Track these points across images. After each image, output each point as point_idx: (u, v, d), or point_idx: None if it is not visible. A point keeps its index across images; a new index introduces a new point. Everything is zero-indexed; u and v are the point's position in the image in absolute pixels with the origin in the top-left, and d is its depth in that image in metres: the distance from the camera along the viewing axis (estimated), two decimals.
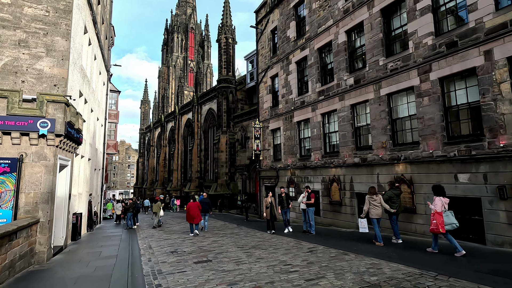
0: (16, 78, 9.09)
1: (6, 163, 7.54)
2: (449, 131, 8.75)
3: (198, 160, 34.84)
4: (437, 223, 6.76)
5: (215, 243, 9.67)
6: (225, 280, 5.52)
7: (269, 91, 18.39)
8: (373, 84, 11.08)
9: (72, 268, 7.09)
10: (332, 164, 12.84)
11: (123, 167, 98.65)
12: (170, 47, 68.10)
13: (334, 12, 13.21)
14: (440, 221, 6.74)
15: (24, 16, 9.42)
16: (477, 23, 8.05)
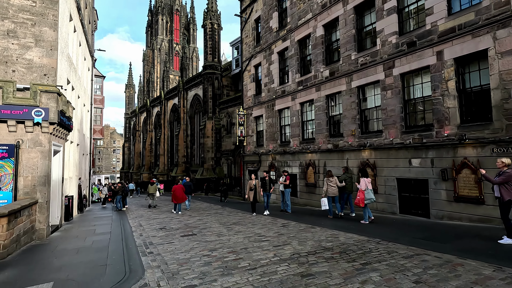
0: (7, 68, 9.50)
1: (4, 149, 8.17)
2: (407, 122, 9.95)
3: (184, 145, 35.46)
4: (359, 198, 8.48)
5: (199, 221, 10.72)
6: (207, 248, 6.57)
7: (253, 80, 19.13)
8: (346, 77, 12.09)
9: (71, 242, 7.97)
10: (309, 150, 13.98)
11: (108, 152, 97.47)
12: (154, 29, 66.48)
13: (313, 6, 13.94)
14: (361, 198, 8.49)
15: (12, 6, 9.69)
16: (432, 26, 9.08)
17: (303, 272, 4.68)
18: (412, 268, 4.65)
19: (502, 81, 7.51)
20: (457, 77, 8.54)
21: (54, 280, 4.83)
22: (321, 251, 5.86)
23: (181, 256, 6.00)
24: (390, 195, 10.23)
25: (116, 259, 6.02)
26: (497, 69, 7.59)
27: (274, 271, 4.80)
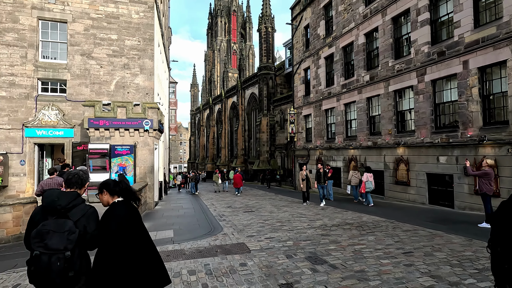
0: (124, 90, 13.62)
1: (128, 148, 12.16)
2: (436, 123, 11.15)
3: (242, 139, 39.22)
4: (362, 187, 11.30)
5: (257, 203, 13.63)
6: (262, 219, 9.34)
7: (302, 82, 21.20)
8: (384, 82, 13.48)
9: (170, 212, 11.61)
10: (351, 146, 15.70)
11: (176, 144, 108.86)
12: (214, 31, 71.90)
13: (356, 16, 15.39)
14: (363, 186, 11.44)
15: (126, 46, 13.74)
16: (459, 37, 10.12)
17: (323, 233, 7.07)
18: (401, 235, 6.65)
19: None
20: (480, 85, 9.56)
21: (173, 229, 8.16)
22: (343, 225, 8.10)
23: (244, 222, 8.89)
24: (420, 188, 11.60)
25: (203, 222, 9.22)
26: None
27: (305, 232, 7.29)
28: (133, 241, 2.38)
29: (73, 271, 2.27)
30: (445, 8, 10.90)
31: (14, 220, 7.34)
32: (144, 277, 2.37)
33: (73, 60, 13.07)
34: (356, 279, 4.17)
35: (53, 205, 2.34)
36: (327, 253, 5.45)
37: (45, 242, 2.23)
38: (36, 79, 12.62)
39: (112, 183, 2.45)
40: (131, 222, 2.44)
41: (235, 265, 4.95)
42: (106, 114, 11.94)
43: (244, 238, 6.87)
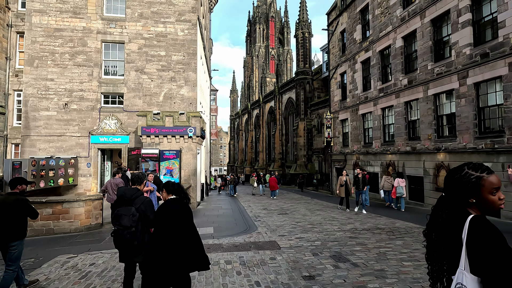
0: (171, 101, 15.15)
1: (174, 152, 13.54)
2: (480, 128, 10.64)
3: (280, 144, 39.79)
4: (392, 192, 11.51)
5: (291, 206, 14.13)
6: (294, 221, 9.86)
7: (339, 86, 21.20)
8: (423, 85, 13.14)
9: (211, 211, 12.66)
10: (389, 151, 15.42)
11: (216, 148, 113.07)
12: (253, 38, 73.79)
13: (393, 19, 15.18)
14: (393, 191, 11.74)
15: (172, 61, 15.29)
16: (504, 38, 9.64)
17: (352, 236, 7.39)
18: None
19: None
20: None
21: (213, 226, 9.09)
22: (373, 229, 8.29)
23: (277, 223, 9.50)
24: None
25: (239, 221, 10.04)
26: None
27: (334, 234, 7.67)
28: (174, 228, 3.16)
29: (136, 241, 3.24)
30: (488, 8, 10.44)
31: (85, 213, 8.86)
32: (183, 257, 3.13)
33: (129, 76, 14.94)
34: (374, 276, 4.56)
35: (123, 197, 3.31)
36: (352, 253, 5.84)
37: (120, 222, 3.20)
38: (100, 93, 14.69)
39: (170, 185, 3.30)
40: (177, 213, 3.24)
41: (266, 259, 5.60)
42: (156, 123, 13.48)
43: (276, 237, 7.49)
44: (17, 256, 4.11)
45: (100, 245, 7.21)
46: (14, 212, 4.07)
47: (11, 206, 4.06)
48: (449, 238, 1.60)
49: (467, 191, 1.57)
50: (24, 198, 4.30)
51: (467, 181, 1.58)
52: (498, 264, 1.39)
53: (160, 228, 3.13)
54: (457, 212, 1.61)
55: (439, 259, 1.67)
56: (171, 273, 3.09)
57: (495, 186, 1.55)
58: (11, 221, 4.06)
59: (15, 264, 4.08)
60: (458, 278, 1.52)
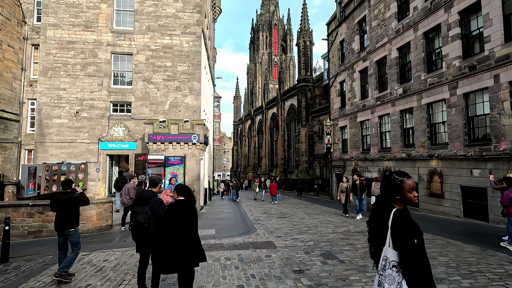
0: (176, 109, 15.89)
1: (179, 158, 14.22)
2: (469, 136, 11.17)
3: (282, 149, 40.36)
4: None
5: (291, 211, 14.67)
6: (292, 224, 10.41)
7: (338, 94, 21.83)
8: (416, 95, 13.72)
9: (213, 215, 13.25)
10: (385, 157, 15.94)
11: (220, 153, 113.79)
12: (256, 45, 75.01)
13: (389, 31, 15.84)
14: None
15: (178, 72, 16.08)
16: (490, 52, 10.23)
17: (343, 237, 7.94)
18: None
19: None
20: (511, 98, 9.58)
21: (215, 228, 9.69)
22: (365, 232, 8.78)
23: (276, 226, 10.07)
24: (454, 201, 11.60)
25: (240, 224, 10.62)
26: None
27: (327, 235, 8.22)
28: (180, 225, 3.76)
29: (149, 235, 3.87)
30: (475, 23, 11.06)
31: (96, 215, 9.51)
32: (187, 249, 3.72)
33: (136, 85, 15.74)
34: (356, 271, 5.13)
35: (139, 197, 3.97)
36: (340, 252, 6.40)
37: (136, 218, 3.85)
38: (109, 102, 15.49)
39: (180, 187, 3.94)
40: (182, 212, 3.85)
41: (262, 256, 6.19)
42: (162, 130, 14.18)
43: (273, 238, 8.06)
44: (76, 240, 5.15)
45: (111, 244, 7.84)
46: (70, 207, 5.07)
47: (67, 202, 5.05)
48: (381, 225, 2.22)
49: (395, 190, 2.21)
50: (76, 195, 5.28)
51: (394, 183, 2.22)
52: (407, 242, 2.02)
53: (169, 224, 3.75)
54: (387, 206, 2.24)
55: (376, 240, 2.28)
56: (176, 262, 3.70)
57: (411, 187, 2.20)
58: (68, 214, 5.07)
59: (77, 246, 5.17)
60: (384, 252, 2.15)
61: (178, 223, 3.71)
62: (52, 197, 5.36)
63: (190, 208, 3.86)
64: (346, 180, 12.51)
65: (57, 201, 5.11)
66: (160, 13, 16.09)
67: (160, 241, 3.75)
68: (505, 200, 6.75)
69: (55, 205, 5.10)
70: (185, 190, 3.92)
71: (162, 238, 3.73)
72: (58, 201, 5.10)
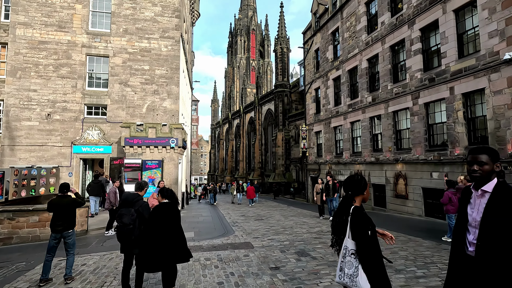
0: (154, 113, 15.84)
1: (156, 162, 14.19)
2: (430, 142, 12.26)
3: (259, 153, 40.92)
4: None
5: (268, 213, 15.10)
6: (268, 225, 10.83)
7: (313, 101, 22.75)
8: (384, 103, 14.76)
9: (191, 218, 13.35)
10: (357, 161, 16.90)
11: (197, 157, 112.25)
12: (234, 49, 75.51)
13: (359, 43, 16.90)
14: None
15: (156, 75, 16.06)
16: (446, 66, 11.36)
17: (316, 237, 8.47)
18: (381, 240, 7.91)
19: (495, 114, 9.56)
20: (464, 108, 10.69)
21: (194, 231, 9.86)
22: None
23: (253, 227, 10.43)
24: (417, 201, 12.62)
25: (218, 226, 10.86)
26: (491, 104, 9.66)
27: (302, 235, 8.71)
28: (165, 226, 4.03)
29: (134, 236, 4.09)
30: (434, 40, 12.21)
31: None
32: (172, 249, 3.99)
33: (112, 88, 15.51)
34: (327, 265, 5.61)
35: (126, 200, 4.19)
36: (313, 249, 6.89)
37: (121, 220, 4.06)
38: (83, 104, 15.13)
39: (165, 190, 4.19)
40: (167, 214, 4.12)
41: (240, 256, 6.52)
42: (139, 134, 14.10)
43: (251, 238, 8.42)
44: (73, 242, 5.31)
45: (88, 249, 7.79)
46: (70, 209, 5.25)
47: (68, 205, 5.22)
48: (343, 219, 2.67)
49: (362, 188, 2.67)
50: (74, 198, 5.49)
51: (362, 182, 2.69)
52: (363, 233, 2.47)
53: (154, 225, 4.00)
54: (348, 203, 2.69)
55: (338, 232, 2.73)
56: (161, 262, 3.95)
57: (367, 188, 2.68)
58: (68, 216, 5.27)
59: (73, 248, 5.33)
60: (345, 243, 2.60)
61: (164, 224, 3.96)
62: (50, 200, 5.51)
63: (174, 210, 4.13)
64: (321, 182, 13.05)
65: (57, 204, 5.30)
66: (138, 16, 16.03)
67: (146, 241, 3.97)
68: (445, 199, 7.65)
69: (55, 207, 5.29)
70: (169, 193, 4.19)
71: (147, 238, 3.96)
72: (58, 204, 5.29)
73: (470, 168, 2.11)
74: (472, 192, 2.15)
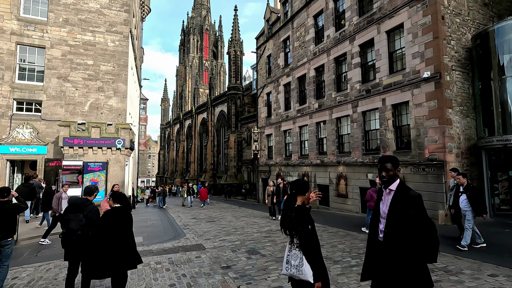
0: (98, 111, 14.81)
1: (100, 164, 13.30)
2: (366, 146, 13.73)
3: (211, 155, 40.63)
4: None
5: (219, 214, 15.22)
6: (220, 227, 10.99)
7: (265, 104, 23.54)
8: (328, 110, 16.05)
9: (139, 223, 12.78)
10: (304, 163, 18.01)
11: (144, 158, 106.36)
12: (186, 48, 73.64)
13: (308, 53, 18.09)
14: None
15: (101, 71, 15.05)
16: (379, 80, 12.89)
17: (266, 236, 8.92)
18: (324, 235, 8.68)
19: (416, 123, 11.19)
20: (393, 118, 12.28)
21: (142, 236, 9.54)
22: None
23: (205, 229, 10.49)
24: (355, 199, 14.00)
25: (169, 230, 10.67)
26: (414, 115, 11.29)
27: (252, 235, 9.08)
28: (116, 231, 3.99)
29: (81, 242, 3.98)
30: (370, 55, 13.75)
31: None
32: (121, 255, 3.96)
33: (49, 83, 14.09)
34: (275, 261, 6.03)
35: (74, 205, 4.04)
36: (263, 248, 7.29)
37: (68, 225, 3.91)
38: (12, 99, 13.45)
39: (117, 195, 4.11)
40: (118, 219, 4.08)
41: (192, 257, 6.60)
42: (81, 134, 13.07)
43: (202, 240, 8.50)
44: (10, 253, 4.85)
45: (19, 261, 7.06)
46: (11, 216, 4.72)
47: (10, 211, 4.68)
48: (289, 215, 3.04)
49: (305, 189, 3.06)
50: (16, 204, 4.96)
51: (306, 184, 3.08)
52: (304, 228, 2.86)
53: (105, 231, 3.92)
54: (292, 202, 3.07)
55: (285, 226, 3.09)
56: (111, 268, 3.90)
57: (309, 191, 3.09)
58: (9, 223, 4.77)
59: (8, 260, 4.82)
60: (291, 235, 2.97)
61: (114, 230, 3.91)
62: None
63: (126, 215, 4.10)
64: (272, 184, 13.60)
65: None
66: (82, 6, 14.86)
67: (94, 247, 3.88)
68: (367, 196, 8.83)
69: None
70: (121, 197, 4.14)
71: (96, 244, 3.87)
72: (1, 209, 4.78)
73: (379, 174, 2.70)
74: (383, 191, 2.73)
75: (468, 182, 6.82)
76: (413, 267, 2.42)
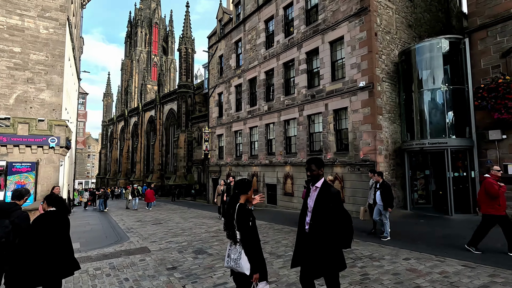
0: (26, 105, 13.20)
1: (28, 165, 11.89)
2: (310, 147, 14.70)
3: (159, 154, 38.97)
4: None
5: (167, 216, 14.77)
6: (167, 229, 10.73)
7: (216, 104, 23.50)
8: (277, 112, 16.75)
9: (76, 228, 11.74)
10: (254, 164, 18.48)
11: (83, 157, 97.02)
12: (133, 41, 69.34)
13: (258, 56, 18.60)
14: None
15: (30, 60, 13.44)
16: (323, 86, 13.92)
17: (214, 235, 9.02)
18: (270, 232, 9.12)
19: (353, 127, 12.39)
20: (334, 122, 13.39)
21: (79, 242, 8.84)
22: None
23: (150, 232, 10.14)
24: (300, 198, 14.86)
25: (110, 234, 10.06)
26: (351, 120, 12.47)
27: (200, 235, 9.09)
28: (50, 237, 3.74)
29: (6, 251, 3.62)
30: (316, 63, 14.76)
31: None
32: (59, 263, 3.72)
33: None
34: (221, 260, 6.19)
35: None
36: (210, 247, 7.38)
37: None
38: None
39: (53, 197, 3.82)
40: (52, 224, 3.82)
41: (136, 261, 6.39)
42: (4, 130, 11.54)
43: (148, 243, 8.24)
44: None
45: None
46: None
47: None
48: (230, 213, 3.24)
49: (247, 188, 3.28)
50: None
51: (249, 183, 3.30)
52: (245, 224, 3.09)
53: (35, 237, 3.64)
54: (235, 200, 3.28)
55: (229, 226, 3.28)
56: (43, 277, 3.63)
57: (253, 188, 3.33)
58: None
59: None
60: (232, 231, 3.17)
61: (48, 235, 3.65)
62: None
63: (62, 219, 3.85)
64: (223, 184, 13.70)
65: None
66: None
67: (22, 256, 3.57)
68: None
69: None
70: (57, 200, 3.87)
71: (25, 252, 3.57)
72: None
73: (307, 173, 3.15)
74: (311, 188, 3.15)
75: (382, 180, 7.82)
76: (331, 252, 2.86)
